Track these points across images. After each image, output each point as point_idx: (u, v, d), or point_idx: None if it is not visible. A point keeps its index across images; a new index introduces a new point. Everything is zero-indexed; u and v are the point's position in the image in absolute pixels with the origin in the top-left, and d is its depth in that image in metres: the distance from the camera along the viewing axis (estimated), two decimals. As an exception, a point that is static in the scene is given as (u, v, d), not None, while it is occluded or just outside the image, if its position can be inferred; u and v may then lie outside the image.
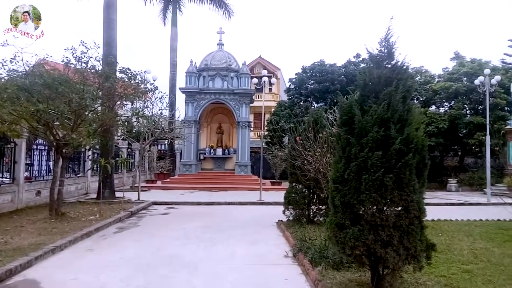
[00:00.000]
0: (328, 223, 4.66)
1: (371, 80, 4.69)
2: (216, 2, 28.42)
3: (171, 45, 28.29)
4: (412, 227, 4.20)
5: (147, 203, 13.41)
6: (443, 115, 23.94)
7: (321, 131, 8.19)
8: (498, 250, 6.71)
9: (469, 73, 23.50)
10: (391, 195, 4.20)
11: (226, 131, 25.19)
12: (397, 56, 4.79)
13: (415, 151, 4.26)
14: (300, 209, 9.32)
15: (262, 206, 14.05)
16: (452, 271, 5.35)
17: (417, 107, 17.74)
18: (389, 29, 4.79)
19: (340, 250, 4.50)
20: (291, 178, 9.53)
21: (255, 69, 36.38)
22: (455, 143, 25.36)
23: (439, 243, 6.87)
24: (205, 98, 23.02)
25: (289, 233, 8.01)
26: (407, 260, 4.21)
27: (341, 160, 4.64)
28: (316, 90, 27.70)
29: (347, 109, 4.76)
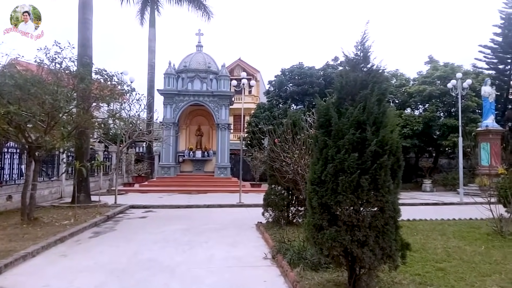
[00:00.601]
0: (305, 224, 4.70)
1: (348, 83, 4.76)
2: (195, 3, 28.28)
3: (149, 46, 27.94)
4: (387, 227, 4.28)
5: (124, 207, 13.15)
6: (418, 118, 24.61)
7: (300, 133, 8.27)
8: (469, 248, 6.93)
9: (442, 77, 24.27)
10: (367, 196, 4.27)
11: (206, 133, 25.05)
12: (372, 60, 4.88)
13: (390, 152, 4.34)
14: (279, 210, 9.35)
15: (242, 208, 14.03)
16: (427, 269, 5.48)
17: (393, 109, 18.13)
18: (365, 33, 4.88)
19: (318, 251, 4.54)
20: (270, 180, 9.55)
21: (235, 71, 36.36)
22: (430, 144, 26.09)
23: (414, 243, 7.08)
24: (184, 100, 22.82)
25: (268, 235, 8.02)
26: (382, 259, 4.29)
27: (318, 161, 4.68)
28: (295, 93, 27.98)
29: (324, 111, 4.81)
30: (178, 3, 28.54)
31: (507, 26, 25.98)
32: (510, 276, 5.18)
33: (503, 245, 7.21)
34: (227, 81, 23.20)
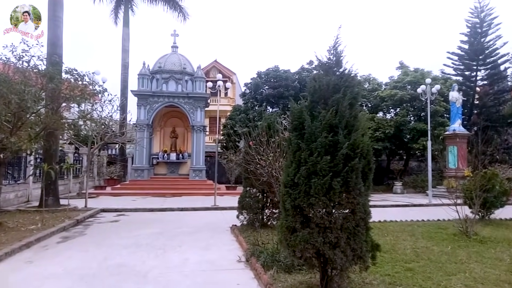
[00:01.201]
0: (279, 226, 4.72)
1: (321, 86, 4.82)
2: (171, 3, 27.97)
3: (123, 46, 27.39)
4: (358, 229, 4.36)
5: (95, 211, 12.79)
6: (390, 121, 25.29)
7: (274, 136, 8.31)
8: (437, 248, 7.16)
9: (413, 82, 25.06)
10: (339, 198, 4.34)
11: (181, 135, 24.77)
12: (345, 64, 4.96)
13: (361, 155, 4.43)
14: (254, 213, 9.36)
15: (217, 211, 13.94)
16: (396, 269, 5.62)
17: (366, 113, 18.48)
18: (337, 37, 4.97)
19: (291, 253, 4.57)
20: (245, 182, 9.55)
21: (211, 73, 36.21)
22: (401, 147, 26.84)
23: (384, 243, 7.26)
24: (158, 101, 22.49)
25: (242, 238, 8.00)
26: (354, 260, 4.37)
27: (291, 164, 4.72)
28: (271, 95, 28.12)
29: (298, 114, 4.86)
30: (153, 3, 28.16)
31: (472, 35, 27.14)
32: (474, 274, 5.40)
33: (468, 245, 7.50)
34: (202, 83, 23.06)
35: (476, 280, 5.15)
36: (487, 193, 9.99)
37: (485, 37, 26.85)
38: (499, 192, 10.66)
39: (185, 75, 23.12)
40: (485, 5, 26.76)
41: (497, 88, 27.37)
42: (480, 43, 26.83)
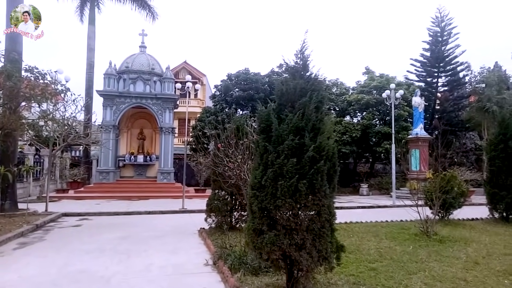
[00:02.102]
0: (246, 229, 4.71)
1: (288, 90, 4.87)
2: (139, 2, 27.40)
3: (88, 44, 26.52)
4: (323, 230, 4.43)
5: (56, 215, 12.26)
6: (356, 125, 25.97)
7: (243, 138, 8.31)
8: (399, 248, 7.41)
9: (378, 87, 25.89)
10: (305, 200, 4.39)
11: (148, 137, 24.27)
12: (311, 68, 5.04)
13: (327, 158, 4.51)
14: (222, 216, 9.30)
15: (185, 214, 13.75)
16: (360, 269, 5.75)
17: (334, 117, 18.86)
18: (304, 42, 5.05)
19: (258, 256, 4.58)
20: (214, 185, 9.49)
21: (180, 74, 35.75)
22: (367, 150, 27.62)
23: (350, 244, 7.43)
24: (125, 102, 21.93)
25: (210, 241, 7.93)
26: (319, 261, 4.43)
27: (259, 166, 4.73)
28: (241, 98, 28.13)
29: (266, 117, 4.88)
30: (121, 1, 27.48)
31: (434, 43, 28.44)
32: (433, 273, 5.62)
33: (428, 244, 7.80)
34: (171, 84, 22.72)
35: (434, 278, 5.36)
36: (446, 194, 10.46)
37: (445, 46, 28.21)
38: (457, 194, 11.18)
39: (153, 75, 22.69)
40: (445, 15, 28.14)
41: (456, 94, 28.81)
42: (440, 51, 28.14)
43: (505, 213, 11.67)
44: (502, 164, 11.71)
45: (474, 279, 5.36)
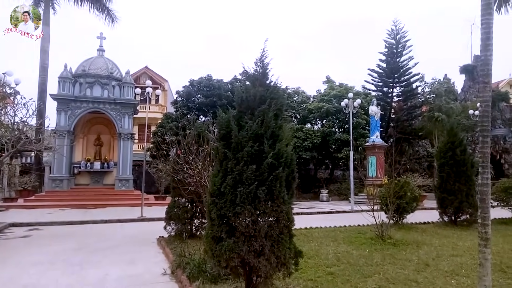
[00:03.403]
0: (205, 236, 4.67)
1: (248, 97, 4.91)
2: (97, 5, 26.56)
3: (42, 46, 25.25)
4: (282, 236, 4.48)
5: (3, 225, 11.48)
6: (317, 132, 26.62)
7: (204, 145, 8.25)
8: (356, 252, 7.63)
9: (338, 96, 26.74)
10: (264, 206, 4.42)
11: (106, 143, 23.42)
12: (271, 76, 5.12)
13: (285, 165, 4.58)
14: (182, 223, 9.14)
15: (144, 222, 13.38)
16: (318, 274, 5.85)
17: (295, 124, 19.19)
18: (264, 50, 5.12)
19: (216, 263, 4.53)
20: (174, 192, 9.32)
21: (141, 79, 34.95)
22: (327, 157, 28.35)
23: (309, 249, 7.55)
24: (81, 106, 21.04)
25: (169, 250, 7.76)
26: (277, 267, 4.46)
27: (218, 173, 4.72)
28: (203, 104, 27.95)
29: (225, 124, 4.88)
30: (78, 3, 26.49)
31: (389, 55, 29.85)
32: (387, 275, 5.83)
33: (383, 248, 8.10)
34: (131, 89, 22.12)
35: (388, 281, 5.56)
36: (400, 199, 10.93)
37: (400, 57, 29.69)
38: (410, 199, 11.70)
39: (112, 80, 21.99)
40: (400, 28, 29.65)
41: (410, 104, 30.35)
42: (396, 62, 29.58)
43: (454, 217, 12.37)
44: (451, 171, 12.43)
45: (424, 280, 5.62)
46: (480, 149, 4.15)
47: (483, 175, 4.03)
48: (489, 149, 4.24)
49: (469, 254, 7.47)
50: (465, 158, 12.44)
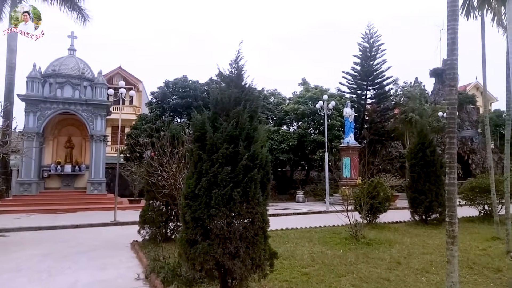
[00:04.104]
0: (179, 240, 4.61)
1: (223, 99, 4.89)
2: (68, 3, 25.72)
3: (9, 45, 24.20)
4: (257, 238, 4.47)
5: (-34, 232, 10.93)
6: (293, 134, 26.85)
7: (179, 147, 8.14)
8: (331, 252, 7.72)
9: (313, 98, 27.06)
10: (239, 208, 4.40)
11: (78, 145, 22.75)
12: (246, 78, 5.12)
13: (260, 166, 4.58)
14: (157, 227, 8.98)
15: (117, 226, 13.07)
16: (294, 275, 5.88)
17: (272, 125, 19.27)
18: (239, 52, 5.11)
19: (191, 267, 4.48)
20: (148, 195, 9.15)
21: (114, 80, 34.17)
22: (303, 158, 28.64)
23: (285, 250, 7.59)
24: (51, 107, 20.34)
25: (143, 254, 7.60)
26: (252, 269, 4.46)
27: (193, 175, 4.67)
28: (179, 105, 27.62)
29: (200, 125, 4.84)
30: (47, 1, 25.58)
31: (363, 58, 30.51)
32: (360, 274, 5.93)
33: (356, 247, 8.24)
34: (104, 89, 21.57)
35: (361, 279, 5.66)
36: (373, 199, 11.18)
37: (373, 61, 30.39)
38: (383, 199, 11.98)
39: (83, 80, 21.39)
40: (374, 32, 30.37)
41: (383, 106, 31.12)
42: (369, 65, 30.27)
43: (424, 216, 12.75)
44: (421, 171, 12.82)
45: (396, 278, 5.76)
46: (447, 150, 4.29)
47: (450, 175, 4.17)
48: (456, 150, 4.39)
49: (439, 251, 7.71)
50: (434, 158, 12.86)
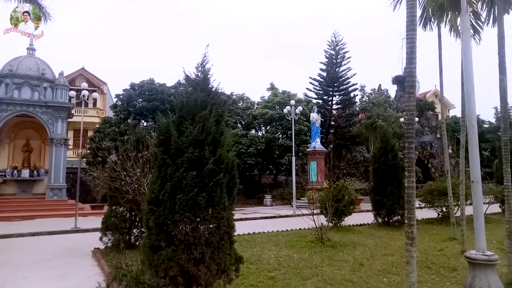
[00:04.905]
0: (142, 246, 4.50)
1: (189, 102, 4.84)
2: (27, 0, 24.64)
3: (-39, 41, 22.82)
4: (222, 243, 4.45)
5: None
6: (261, 138, 26.98)
7: (144, 151, 7.96)
8: (297, 255, 7.80)
9: (281, 103, 27.34)
10: (204, 213, 4.37)
11: (36, 149, 21.66)
12: (212, 82, 5.11)
13: (226, 171, 4.57)
14: (120, 233, 8.72)
15: (78, 234, 12.55)
16: (260, 279, 5.90)
17: (240, 130, 19.22)
18: (205, 55, 5.10)
19: (154, 274, 4.38)
20: (111, 201, 8.87)
21: (77, 81, 32.93)
22: (271, 162, 28.80)
23: (251, 255, 7.59)
24: (7, 109, 19.22)
25: (105, 262, 7.36)
26: (218, 275, 4.42)
27: (157, 180, 4.58)
28: (145, 109, 27.03)
29: (165, 129, 4.77)
30: (5, -3, 24.37)
31: (330, 64, 31.26)
32: (325, 277, 6.04)
33: (322, 250, 8.38)
34: (65, 91, 20.66)
35: (326, 282, 5.76)
36: (338, 203, 11.42)
37: (339, 68, 31.19)
38: (347, 202, 12.27)
39: (43, 81, 20.42)
40: (339, 40, 31.19)
41: (348, 111, 31.95)
42: (335, 72, 31.03)
43: (387, 218, 13.19)
44: (384, 175, 13.27)
45: (359, 280, 5.90)
46: (406, 154, 4.47)
47: (409, 179, 4.34)
48: (414, 154, 4.58)
49: (400, 253, 7.99)
50: (396, 162, 13.35)
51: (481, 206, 4.63)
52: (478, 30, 10.14)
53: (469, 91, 4.97)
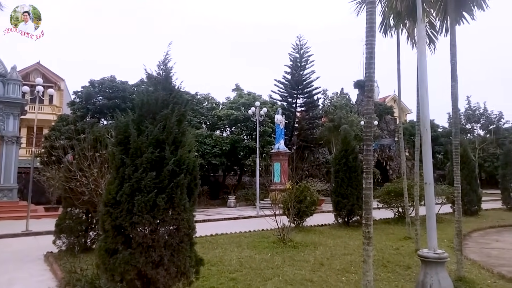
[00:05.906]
0: (97, 249, 4.32)
1: (149, 101, 4.71)
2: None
3: None
4: (182, 245, 4.36)
5: None
6: (226, 139, 26.89)
7: (102, 150, 7.67)
8: (258, 256, 7.82)
9: (246, 104, 27.40)
10: (164, 215, 4.27)
11: (-15, 147, 20.27)
12: (175, 81, 5.01)
13: (187, 171, 4.48)
14: (75, 236, 8.34)
15: (29, 237, 11.88)
16: (221, 281, 5.85)
17: (205, 130, 19.01)
18: (167, 53, 5.00)
19: (110, 278, 4.22)
20: (65, 202, 8.48)
21: (31, 76, 31.19)
22: (236, 163, 28.79)
23: (213, 256, 7.52)
24: (-48, 104, 17.92)
25: (58, 266, 7.00)
26: (177, 277, 4.33)
27: (114, 181, 4.42)
28: (105, 106, 26.10)
29: (124, 128, 4.61)
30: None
31: (294, 67, 31.68)
32: (286, 277, 6.09)
33: (284, 250, 8.45)
34: (18, 86, 19.54)
35: (287, 282, 5.81)
36: (300, 203, 11.59)
37: (303, 71, 31.68)
38: (309, 203, 12.48)
39: (-6, 75, 19.21)
40: (303, 43, 31.70)
41: (312, 114, 32.55)
42: (299, 75, 31.49)
43: (347, 218, 13.54)
44: (344, 176, 13.62)
45: (318, 279, 6.01)
46: (364, 156, 4.61)
47: (366, 180, 4.47)
48: (372, 156, 4.73)
49: (358, 252, 8.21)
50: (356, 164, 13.76)
51: (433, 207, 4.86)
52: (433, 39, 10.65)
53: (423, 96, 5.21)
